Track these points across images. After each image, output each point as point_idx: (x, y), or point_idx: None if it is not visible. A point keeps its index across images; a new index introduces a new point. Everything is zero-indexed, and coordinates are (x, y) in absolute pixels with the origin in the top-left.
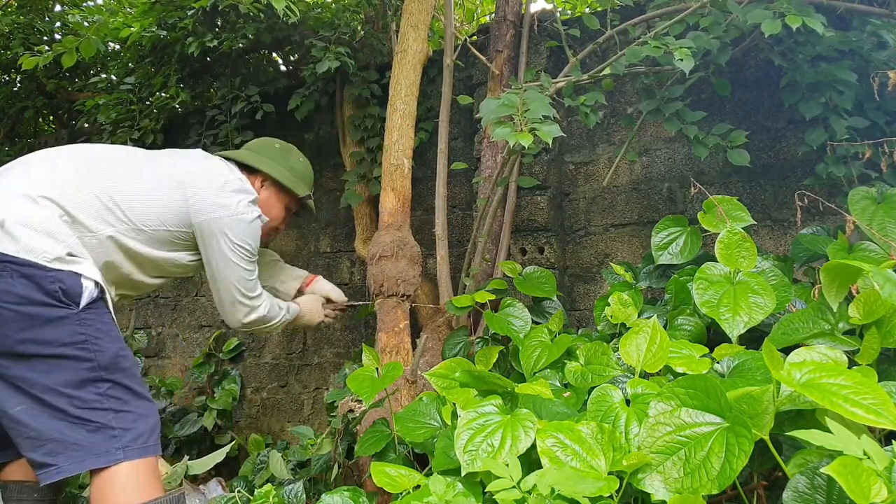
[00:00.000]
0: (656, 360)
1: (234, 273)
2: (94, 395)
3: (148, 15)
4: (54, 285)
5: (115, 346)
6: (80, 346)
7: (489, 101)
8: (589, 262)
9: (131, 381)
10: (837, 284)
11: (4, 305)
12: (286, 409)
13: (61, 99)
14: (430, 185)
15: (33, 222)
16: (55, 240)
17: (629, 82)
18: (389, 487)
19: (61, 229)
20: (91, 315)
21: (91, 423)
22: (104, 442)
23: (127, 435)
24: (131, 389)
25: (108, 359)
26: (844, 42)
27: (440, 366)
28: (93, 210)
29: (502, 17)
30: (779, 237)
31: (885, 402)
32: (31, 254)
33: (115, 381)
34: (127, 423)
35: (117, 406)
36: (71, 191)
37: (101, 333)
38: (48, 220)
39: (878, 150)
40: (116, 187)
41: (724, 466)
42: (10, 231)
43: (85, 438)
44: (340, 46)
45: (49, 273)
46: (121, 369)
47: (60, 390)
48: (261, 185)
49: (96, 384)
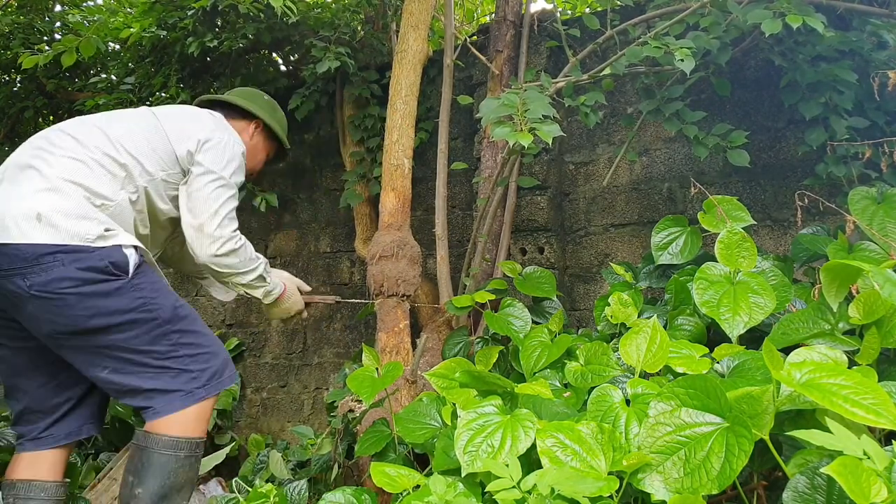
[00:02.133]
0: (656, 360)
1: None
2: (167, 347)
3: (148, 15)
4: (103, 261)
5: (170, 300)
6: (140, 309)
7: (489, 101)
8: (589, 262)
9: (194, 325)
10: (837, 284)
11: (66, 290)
12: (286, 409)
13: (61, 99)
14: (430, 185)
15: (66, 208)
16: (90, 220)
17: (629, 82)
18: (389, 487)
19: (90, 209)
20: (141, 279)
21: (172, 370)
22: (188, 383)
23: (205, 374)
24: (197, 332)
25: (168, 313)
26: (844, 42)
27: (440, 366)
28: (106, 180)
29: (502, 17)
30: (779, 237)
31: (885, 402)
32: (74, 238)
33: (182, 329)
34: (202, 363)
35: (191, 351)
36: (84, 169)
37: (154, 293)
38: (77, 203)
39: (878, 150)
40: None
41: (724, 466)
42: (49, 222)
43: (171, 383)
44: (340, 46)
45: (95, 252)
46: (181, 318)
47: (138, 349)
48: (253, 130)
49: (167, 336)
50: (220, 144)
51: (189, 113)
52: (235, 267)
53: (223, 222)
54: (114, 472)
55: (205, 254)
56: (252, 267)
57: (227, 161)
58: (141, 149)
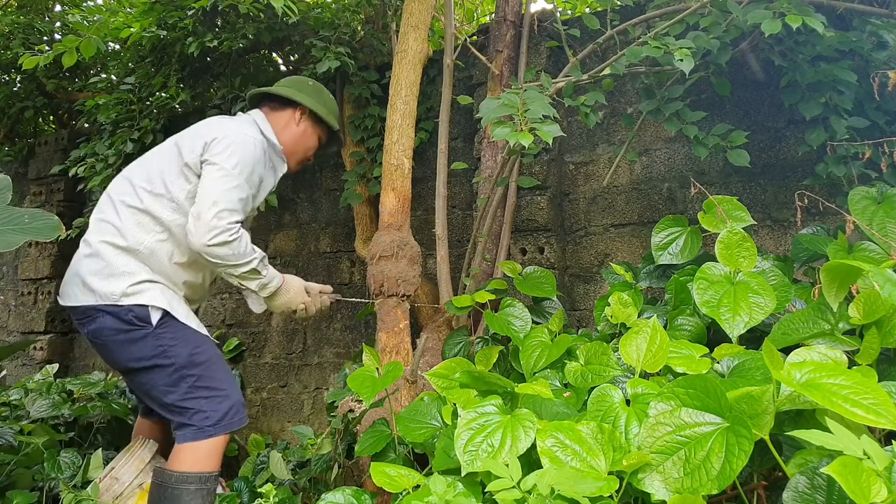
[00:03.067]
0: (656, 360)
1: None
2: (185, 388)
3: (148, 15)
4: (129, 315)
5: (187, 349)
6: (160, 356)
7: (489, 101)
8: (589, 262)
9: (210, 370)
10: (837, 284)
11: (107, 338)
12: (286, 409)
13: (61, 99)
14: (430, 185)
15: (100, 270)
16: (118, 276)
17: (629, 82)
18: (389, 487)
19: (120, 263)
20: (164, 329)
21: (189, 410)
22: (201, 421)
23: (217, 414)
24: (213, 377)
25: (184, 360)
26: (844, 42)
27: (440, 366)
28: (132, 230)
29: (502, 17)
30: (779, 237)
31: (885, 402)
32: (106, 298)
33: (198, 374)
34: (215, 405)
35: (206, 393)
36: (111, 221)
37: (174, 341)
38: (108, 262)
39: (878, 150)
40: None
41: (724, 466)
42: (88, 286)
43: (190, 420)
44: (340, 46)
45: (122, 308)
46: (198, 364)
47: (163, 389)
48: (300, 117)
49: (185, 380)
50: (225, 139)
51: (204, 123)
52: (227, 258)
53: (221, 213)
54: (115, 472)
55: (198, 242)
56: (245, 260)
57: (230, 153)
58: (159, 184)
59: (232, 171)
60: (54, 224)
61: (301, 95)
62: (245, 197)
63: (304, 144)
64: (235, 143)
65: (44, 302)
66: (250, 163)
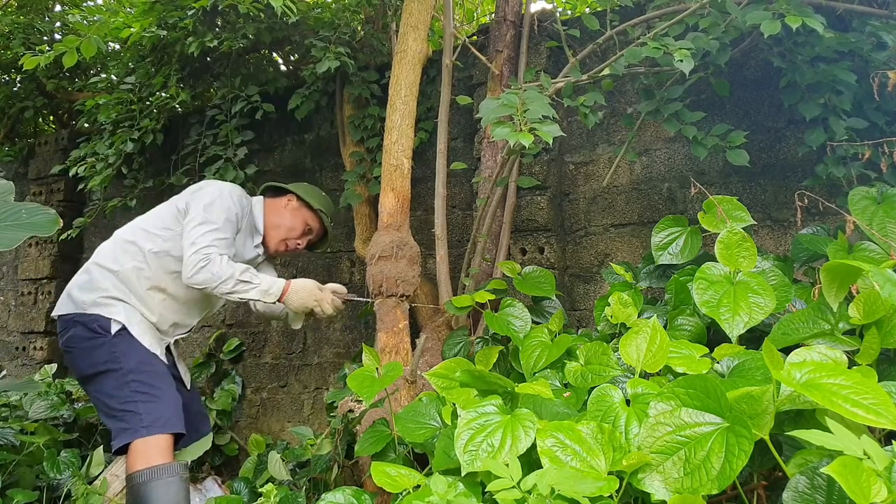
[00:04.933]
0: (656, 360)
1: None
2: (128, 392)
3: (148, 15)
4: (94, 325)
5: (136, 358)
6: (112, 361)
7: (489, 101)
8: (589, 262)
9: (153, 379)
10: (837, 284)
11: (74, 346)
12: (286, 409)
13: (61, 99)
14: (430, 185)
15: (82, 283)
16: (92, 290)
17: (629, 82)
18: (389, 487)
19: (100, 282)
20: (120, 339)
21: (128, 413)
22: (136, 423)
23: (149, 417)
24: (153, 385)
25: (131, 364)
26: (844, 43)
27: (440, 366)
28: (118, 255)
29: (502, 17)
30: (779, 237)
31: (885, 402)
32: (79, 307)
33: (141, 380)
34: (150, 408)
35: (143, 398)
36: (105, 249)
37: (127, 350)
38: (93, 279)
39: (878, 151)
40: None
41: (724, 466)
42: (70, 296)
43: (127, 423)
44: (340, 46)
45: (89, 316)
46: (143, 371)
47: (110, 393)
48: (287, 201)
49: (129, 385)
50: (203, 192)
51: (199, 183)
52: (209, 281)
53: (197, 251)
54: (115, 470)
55: (185, 278)
56: (227, 276)
57: (208, 203)
58: (149, 222)
59: (207, 216)
60: (52, 218)
61: (293, 186)
62: (224, 238)
63: (289, 223)
64: (212, 197)
65: (44, 302)
66: (224, 207)
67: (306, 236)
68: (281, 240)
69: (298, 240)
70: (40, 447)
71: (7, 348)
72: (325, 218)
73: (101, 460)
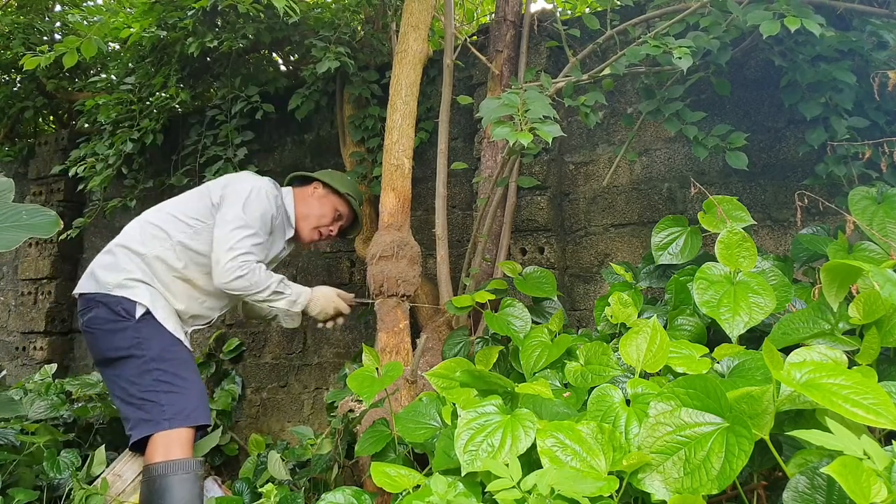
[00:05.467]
0: (656, 360)
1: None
2: (150, 381)
3: (148, 15)
4: (119, 306)
5: (161, 344)
6: (136, 346)
7: (489, 101)
8: (589, 262)
9: (178, 368)
10: (837, 284)
11: (96, 327)
12: (286, 409)
13: (61, 99)
14: (430, 185)
15: (106, 264)
16: (117, 272)
17: (629, 82)
18: (389, 487)
19: (124, 264)
20: (144, 324)
21: (149, 402)
22: (158, 415)
23: (172, 409)
24: (177, 374)
25: (155, 352)
26: (844, 42)
27: (440, 366)
28: (146, 239)
29: (502, 17)
30: (779, 237)
31: (885, 402)
32: (103, 287)
33: (164, 368)
34: (173, 399)
35: (166, 388)
36: (131, 231)
37: (151, 336)
38: (118, 260)
39: (878, 150)
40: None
41: (724, 466)
42: (94, 275)
43: (144, 414)
44: (340, 46)
45: (114, 298)
46: (167, 359)
47: (130, 380)
48: (314, 189)
49: (151, 373)
50: (237, 190)
51: (231, 175)
52: (246, 290)
53: (234, 258)
54: (117, 469)
55: (219, 282)
56: (264, 286)
57: (244, 204)
58: (179, 209)
59: (245, 218)
60: (52, 220)
61: (317, 174)
62: (260, 243)
63: (318, 211)
64: (247, 196)
65: (44, 302)
66: (257, 213)
67: (337, 222)
68: (313, 228)
69: (330, 226)
70: (40, 447)
71: (7, 348)
72: (354, 202)
73: (102, 460)
